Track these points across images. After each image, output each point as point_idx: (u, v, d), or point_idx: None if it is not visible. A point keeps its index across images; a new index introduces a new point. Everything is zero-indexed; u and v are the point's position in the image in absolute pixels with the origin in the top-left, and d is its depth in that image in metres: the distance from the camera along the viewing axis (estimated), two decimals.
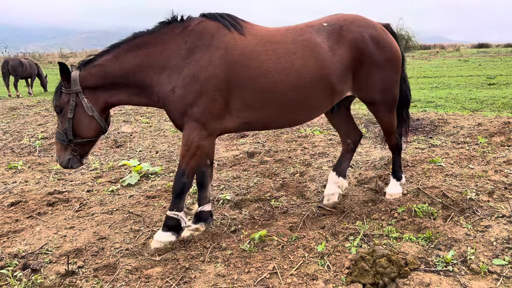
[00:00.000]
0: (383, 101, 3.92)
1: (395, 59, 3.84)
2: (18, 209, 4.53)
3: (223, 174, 5.48)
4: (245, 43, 3.40)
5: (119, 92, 3.51)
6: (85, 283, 3.05)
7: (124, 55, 3.41)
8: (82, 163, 3.65)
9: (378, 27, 3.84)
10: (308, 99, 3.55)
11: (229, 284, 2.96)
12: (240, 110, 3.45)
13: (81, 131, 3.48)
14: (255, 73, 3.36)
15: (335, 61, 3.55)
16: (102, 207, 4.57)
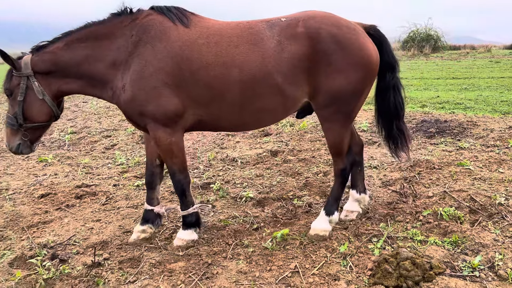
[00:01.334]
0: (334, 112, 3.36)
1: (363, 65, 3.28)
2: (48, 201, 4.67)
3: (246, 172, 5.51)
4: (188, 35, 3.26)
5: (72, 81, 3.42)
6: (111, 275, 3.12)
7: (74, 44, 3.34)
8: (33, 149, 3.53)
9: (344, 25, 3.31)
10: (253, 99, 3.29)
11: (250, 281, 2.98)
12: (191, 107, 3.30)
13: (32, 115, 3.38)
14: (196, 66, 3.19)
15: (283, 58, 3.21)
16: (128, 201, 4.67)
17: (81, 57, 3.33)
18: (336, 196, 3.71)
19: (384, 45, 3.56)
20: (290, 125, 8.22)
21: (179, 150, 3.41)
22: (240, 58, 3.20)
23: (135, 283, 2.98)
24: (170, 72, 3.19)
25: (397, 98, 3.71)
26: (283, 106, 3.38)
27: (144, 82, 3.18)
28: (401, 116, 3.79)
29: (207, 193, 4.82)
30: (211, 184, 5.08)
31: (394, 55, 3.63)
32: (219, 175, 5.47)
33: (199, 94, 3.25)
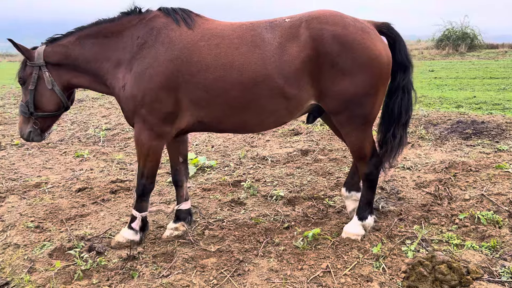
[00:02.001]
0: (350, 116, 3.24)
1: (372, 66, 3.12)
2: (85, 195, 4.83)
3: (276, 171, 5.51)
4: (190, 37, 3.25)
5: (81, 76, 3.53)
6: (145, 268, 3.20)
7: (85, 40, 3.45)
8: (43, 137, 3.66)
9: (351, 25, 3.15)
10: (254, 101, 3.22)
11: (282, 280, 2.99)
12: (190, 108, 3.30)
13: (42, 104, 3.52)
14: (196, 68, 3.18)
15: (284, 60, 3.13)
16: (161, 197, 4.76)
17: (90, 53, 3.44)
18: (366, 201, 3.56)
19: (397, 44, 3.37)
20: (321, 124, 8.16)
21: (154, 156, 3.42)
22: (240, 60, 3.15)
23: (169, 277, 3.04)
24: (170, 75, 3.20)
25: (404, 102, 3.43)
26: (286, 109, 3.29)
27: (142, 84, 3.23)
28: (402, 122, 3.47)
29: (237, 191, 4.86)
30: (242, 182, 5.11)
31: (408, 54, 3.41)
32: (250, 173, 5.50)
33: (199, 96, 3.23)
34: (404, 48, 3.40)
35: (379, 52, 3.15)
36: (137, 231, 3.56)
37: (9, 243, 3.66)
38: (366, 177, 3.49)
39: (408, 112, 3.49)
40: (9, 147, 7.29)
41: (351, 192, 3.85)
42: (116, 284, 3.02)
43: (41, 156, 6.70)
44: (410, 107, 3.49)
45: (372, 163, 3.43)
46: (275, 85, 3.15)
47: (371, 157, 3.41)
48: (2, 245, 3.65)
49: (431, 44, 31.29)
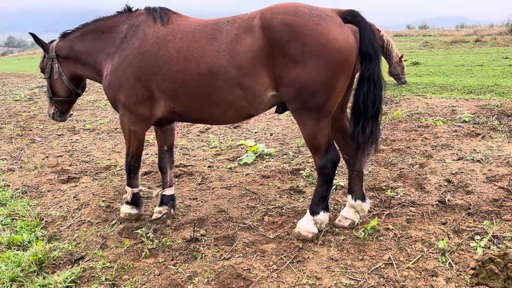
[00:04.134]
0: (303, 105, 3.10)
1: (325, 54, 2.95)
2: (150, 178, 5.07)
3: None
4: (161, 32, 3.46)
5: (84, 67, 3.94)
6: (207, 250, 3.31)
7: (86, 35, 3.85)
8: (64, 119, 4.27)
9: (304, 12, 3.04)
10: (212, 92, 3.28)
11: (342, 269, 2.96)
12: (162, 98, 3.48)
13: (56, 90, 4.08)
14: (162, 61, 3.37)
15: (237, 51, 3.14)
16: (221, 182, 4.88)
17: (90, 47, 3.83)
18: (319, 195, 3.40)
19: (362, 32, 3.14)
20: (383, 113, 7.91)
21: (136, 139, 3.71)
22: (198, 53, 3.27)
23: (230, 260, 3.13)
24: (142, 67, 3.44)
25: (370, 93, 3.17)
26: (245, 100, 3.27)
27: (119, 73, 3.53)
28: (369, 115, 3.21)
29: (296, 179, 4.86)
30: (300, 170, 5.10)
31: (373, 44, 3.14)
32: (309, 161, 5.47)
33: (167, 87, 3.42)
34: (370, 37, 3.14)
35: (333, 39, 2.98)
36: (133, 206, 3.89)
37: (84, 220, 3.94)
38: (320, 170, 3.34)
39: (375, 105, 3.21)
40: (82, 131, 7.80)
41: (357, 201, 3.62)
42: (180, 263, 3.15)
43: (110, 140, 7.10)
44: (377, 100, 3.22)
45: (327, 157, 3.25)
46: (230, 76, 3.19)
47: (326, 150, 3.24)
48: (78, 222, 3.93)
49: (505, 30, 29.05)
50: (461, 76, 12.91)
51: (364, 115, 3.22)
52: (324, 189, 3.39)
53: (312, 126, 3.18)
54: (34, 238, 3.59)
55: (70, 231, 3.76)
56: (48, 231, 3.79)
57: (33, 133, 7.84)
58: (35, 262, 3.13)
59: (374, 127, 3.27)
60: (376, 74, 3.19)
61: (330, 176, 3.33)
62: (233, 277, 2.89)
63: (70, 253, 3.34)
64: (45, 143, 7.12)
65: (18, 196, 4.64)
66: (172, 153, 4.07)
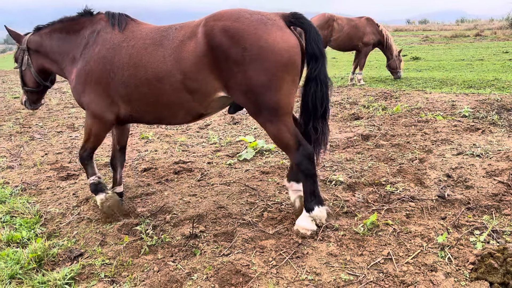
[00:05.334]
0: (256, 108, 3.17)
1: (265, 56, 3.01)
2: (150, 175, 5.06)
3: (336, 156, 5.43)
4: (117, 39, 3.59)
5: (50, 63, 4.06)
6: (206, 247, 3.31)
7: (54, 33, 3.96)
8: (35, 107, 4.42)
9: (244, 18, 3.12)
10: (160, 96, 3.40)
11: (341, 264, 2.96)
12: (119, 102, 3.61)
13: (26, 81, 4.24)
14: (116, 67, 3.50)
15: (182, 56, 3.25)
16: (221, 178, 4.87)
17: (56, 45, 3.94)
18: (308, 191, 3.38)
19: (307, 34, 3.20)
20: (383, 108, 7.91)
21: (95, 138, 3.85)
22: (146, 59, 3.39)
23: (229, 256, 3.12)
24: (99, 73, 3.58)
25: (318, 93, 3.24)
26: (194, 101, 3.36)
27: (81, 78, 3.67)
28: (318, 115, 3.30)
29: None
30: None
31: (319, 44, 3.19)
32: None
33: (122, 92, 3.54)
34: (315, 38, 3.20)
35: (272, 42, 3.03)
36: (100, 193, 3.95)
37: (83, 217, 3.94)
38: (298, 167, 3.36)
39: (323, 105, 3.29)
40: (81, 128, 7.79)
41: (290, 182, 3.78)
42: (179, 260, 3.15)
43: (109, 137, 7.09)
44: (325, 99, 3.29)
45: (300, 153, 3.24)
46: (175, 80, 3.29)
47: (297, 147, 3.24)
48: (77, 219, 3.93)
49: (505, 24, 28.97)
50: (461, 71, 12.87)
51: (314, 115, 3.30)
52: (310, 184, 3.36)
53: (273, 128, 3.21)
54: (33, 235, 3.59)
55: (70, 228, 3.76)
56: (47, 228, 3.79)
57: (33, 130, 7.83)
58: (34, 259, 3.13)
59: (324, 126, 3.38)
60: (322, 74, 3.24)
61: (310, 170, 3.31)
62: (232, 273, 2.89)
63: (69, 250, 3.34)
64: (44, 140, 7.12)
65: (18, 194, 4.64)
66: (124, 153, 4.27)
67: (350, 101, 9.08)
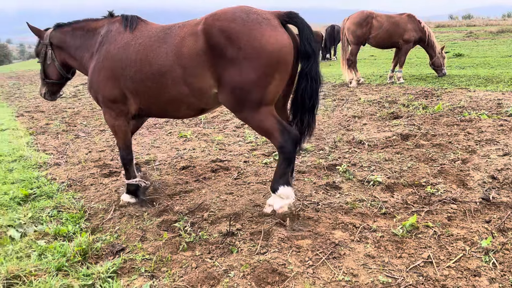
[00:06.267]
0: (240, 103, 3.38)
1: (257, 55, 3.21)
2: (188, 173, 5.17)
3: (374, 155, 5.33)
4: (127, 38, 3.85)
5: (72, 59, 4.36)
6: (243, 245, 3.34)
7: (76, 31, 4.27)
8: (54, 98, 4.75)
9: (240, 18, 3.30)
10: (163, 89, 3.63)
11: (379, 266, 2.92)
12: (131, 96, 3.86)
13: (48, 73, 4.54)
14: (125, 64, 3.76)
15: (182, 53, 3.46)
16: (257, 177, 4.90)
17: (78, 42, 4.25)
18: (279, 173, 3.60)
19: (301, 33, 3.40)
20: (423, 107, 7.69)
21: (121, 132, 4.08)
22: (151, 55, 3.64)
23: (265, 255, 3.14)
24: (111, 69, 3.85)
25: (307, 89, 3.45)
26: (194, 96, 3.58)
27: (96, 75, 3.96)
28: (306, 108, 3.53)
29: (332, 175, 4.81)
30: (337, 166, 5.04)
31: (311, 42, 3.39)
32: (345, 157, 5.40)
33: (131, 86, 3.79)
34: (308, 36, 3.39)
35: (265, 42, 3.22)
36: (133, 196, 4.26)
37: (124, 214, 4.07)
38: (280, 150, 3.52)
39: (312, 99, 3.50)
40: None
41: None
42: (216, 257, 3.20)
43: (149, 135, 7.29)
44: (314, 95, 3.50)
45: (285, 136, 3.43)
46: (176, 75, 3.52)
47: (282, 131, 3.42)
48: (119, 215, 4.07)
49: None
50: (508, 68, 12.31)
51: (302, 108, 3.53)
52: (283, 167, 3.57)
53: (255, 118, 3.41)
54: (78, 230, 3.75)
55: (112, 224, 3.90)
56: (91, 223, 3.95)
57: (77, 129, 8.17)
58: (79, 253, 3.27)
59: (310, 119, 3.60)
60: (313, 70, 3.43)
61: (291, 153, 3.50)
62: (268, 272, 2.91)
63: (111, 245, 3.47)
64: (88, 138, 7.41)
65: (64, 189, 4.86)
66: None
67: (389, 99, 8.89)
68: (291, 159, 3.56)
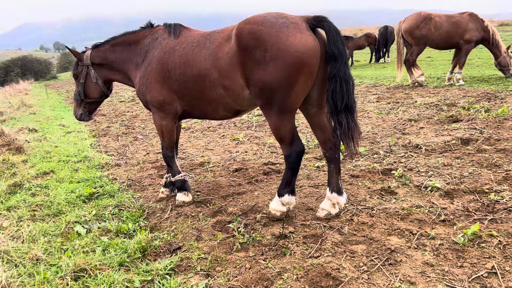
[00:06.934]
0: (268, 103, 3.53)
1: (282, 57, 3.34)
2: (241, 175, 5.25)
3: (431, 160, 5.14)
4: (172, 43, 4.13)
5: (115, 73, 4.66)
6: (296, 248, 3.35)
7: (116, 47, 4.56)
8: (91, 118, 4.94)
9: (269, 22, 3.45)
10: (202, 91, 3.88)
11: (438, 275, 2.81)
12: (176, 98, 4.13)
13: (89, 93, 4.78)
14: (171, 66, 4.03)
15: (218, 56, 3.69)
16: (309, 181, 4.89)
17: (120, 57, 4.53)
18: (285, 181, 3.81)
19: (328, 36, 3.48)
20: (485, 110, 7.30)
21: (167, 132, 4.36)
22: (192, 59, 3.90)
23: (319, 258, 3.13)
24: (158, 72, 4.13)
25: (337, 90, 3.47)
26: (229, 97, 3.79)
27: (144, 79, 4.23)
28: (340, 109, 3.50)
29: (387, 179, 4.69)
30: (392, 170, 4.91)
31: (338, 45, 3.45)
32: (401, 161, 5.24)
33: (176, 88, 4.07)
34: (335, 39, 3.45)
35: (290, 44, 3.34)
36: (186, 192, 4.48)
37: (180, 213, 4.22)
38: (286, 159, 3.74)
39: (344, 100, 3.49)
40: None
41: (333, 193, 3.93)
42: (269, 259, 3.23)
43: (203, 138, 7.48)
44: (346, 95, 3.49)
45: (292, 148, 3.65)
46: (213, 77, 3.76)
47: (291, 142, 3.63)
48: (175, 214, 4.22)
49: None
50: None
51: (335, 109, 3.53)
52: (289, 175, 3.78)
53: (275, 121, 3.58)
54: (138, 228, 3.93)
55: (169, 223, 4.05)
56: (150, 221, 4.12)
57: (136, 132, 8.55)
58: (139, 250, 3.43)
59: (349, 120, 3.57)
60: (342, 72, 3.47)
61: (294, 164, 3.72)
62: (322, 276, 2.89)
63: (169, 243, 3.60)
64: (146, 140, 7.73)
65: (124, 189, 5.11)
66: (177, 146, 4.77)
67: (447, 102, 8.53)
68: (295, 170, 3.75)
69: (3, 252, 3.44)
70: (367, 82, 13.47)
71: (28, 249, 3.54)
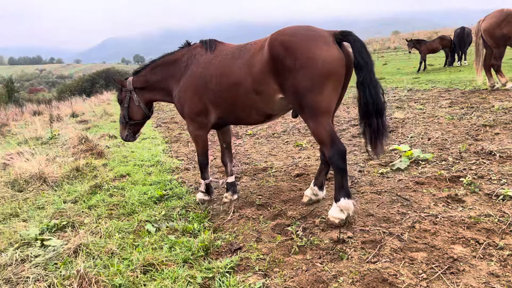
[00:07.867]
0: (301, 107, 3.79)
1: (311, 65, 3.64)
2: (301, 180, 5.32)
3: (506, 168, 4.83)
4: (209, 58, 4.46)
5: (157, 93, 5.03)
6: (353, 252, 3.35)
7: (156, 69, 4.94)
8: (135, 138, 5.35)
9: (300, 33, 3.79)
10: (237, 98, 4.18)
11: (504, 286, 2.68)
12: (213, 107, 4.45)
13: (133, 115, 5.17)
14: (209, 78, 4.36)
15: (253, 64, 4.00)
16: (372, 187, 4.83)
17: (161, 77, 4.91)
18: (337, 185, 3.89)
19: (353, 48, 3.72)
20: None
21: (201, 141, 4.77)
22: (228, 69, 4.22)
23: (376, 264, 3.11)
24: (197, 85, 4.47)
25: (366, 94, 3.70)
26: (262, 102, 4.08)
27: (183, 92, 4.60)
28: (370, 112, 3.74)
29: (455, 187, 4.49)
30: (461, 177, 4.69)
31: (363, 55, 3.69)
32: (471, 168, 4.99)
33: (213, 98, 4.38)
34: (360, 50, 3.70)
35: (318, 54, 3.65)
36: (206, 194, 4.95)
37: (242, 216, 4.39)
38: (329, 159, 3.85)
39: (374, 104, 3.72)
40: (244, 136, 8.57)
41: (315, 186, 4.53)
42: (327, 262, 3.27)
43: (267, 144, 7.65)
44: (374, 99, 3.71)
45: (333, 150, 3.77)
46: (247, 84, 4.06)
47: (331, 143, 3.77)
48: (237, 216, 4.40)
49: None
50: None
51: (366, 113, 3.77)
52: (339, 177, 3.87)
53: (312, 125, 3.80)
54: (202, 228, 4.16)
55: (231, 224, 4.23)
56: (213, 222, 4.34)
57: None
58: (202, 248, 3.64)
59: (379, 123, 3.78)
60: (368, 78, 3.70)
61: (339, 165, 3.81)
62: (378, 281, 2.88)
63: (230, 244, 3.77)
64: (213, 146, 8.07)
65: (191, 192, 5.41)
66: (230, 149, 5.07)
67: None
68: (342, 171, 3.84)
69: (83, 245, 3.84)
70: (440, 86, 12.85)
71: (104, 243, 3.92)
